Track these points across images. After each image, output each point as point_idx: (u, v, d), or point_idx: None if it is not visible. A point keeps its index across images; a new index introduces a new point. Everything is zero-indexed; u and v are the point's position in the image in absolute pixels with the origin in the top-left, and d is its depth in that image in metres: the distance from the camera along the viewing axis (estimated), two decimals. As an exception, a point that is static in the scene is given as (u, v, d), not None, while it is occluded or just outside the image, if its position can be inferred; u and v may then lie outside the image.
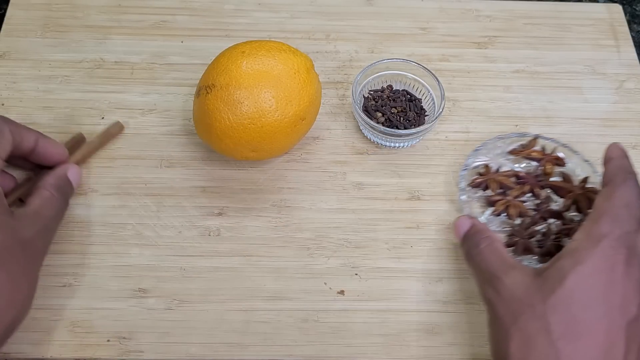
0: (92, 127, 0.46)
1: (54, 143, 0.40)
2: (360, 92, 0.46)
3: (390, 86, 0.47)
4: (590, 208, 0.40)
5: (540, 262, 0.40)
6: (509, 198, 0.42)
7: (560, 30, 0.54)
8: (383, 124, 0.45)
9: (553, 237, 0.40)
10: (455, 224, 0.39)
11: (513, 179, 0.43)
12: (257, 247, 0.41)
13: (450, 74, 0.50)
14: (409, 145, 0.46)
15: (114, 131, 0.45)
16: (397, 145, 0.46)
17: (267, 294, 0.40)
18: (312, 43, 0.51)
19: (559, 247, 0.39)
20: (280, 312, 0.39)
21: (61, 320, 0.38)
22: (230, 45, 0.42)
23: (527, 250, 0.40)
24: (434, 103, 0.46)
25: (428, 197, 0.44)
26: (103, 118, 0.46)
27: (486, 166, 0.44)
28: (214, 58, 0.41)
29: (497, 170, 0.44)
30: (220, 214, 0.43)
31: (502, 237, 0.40)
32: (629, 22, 0.55)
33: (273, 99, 0.39)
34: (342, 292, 0.40)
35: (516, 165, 0.45)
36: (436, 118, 0.44)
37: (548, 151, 0.44)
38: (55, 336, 0.37)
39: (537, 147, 0.45)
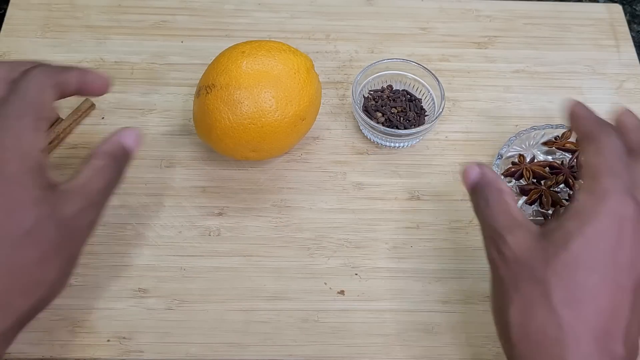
0: (92, 127, 0.46)
1: (96, 76, 0.37)
2: (360, 92, 0.46)
3: (390, 86, 0.47)
4: None
5: None
6: (542, 187, 0.43)
7: (560, 30, 0.54)
8: (383, 124, 0.45)
9: None
10: (464, 171, 0.35)
11: (547, 169, 0.44)
12: (257, 247, 0.41)
13: (450, 74, 0.50)
14: (409, 145, 0.46)
15: (84, 107, 0.46)
16: (397, 145, 0.46)
17: (267, 294, 0.40)
18: (312, 43, 0.51)
19: None
20: (280, 312, 0.39)
21: (61, 320, 0.38)
22: (231, 45, 0.42)
23: None
24: (434, 103, 0.46)
25: (428, 197, 0.44)
26: (103, 118, 0.46)
27: (521, 156, 0.44)
28: (214, 58, 0.41)
29: (532, 161, 0.45)
30: (220, 214, 0.43)
31: (513, 189, 0.39)
32: (629, 22, 0.55)
33: (273, 99, 0.39)
34: (342, 292, 0.40)
35: (549, 156, 0.45)
36: (436, 118, 0.44)
37: None
38: (55, 336, 0.37)
39: (572, 139, 0.45)
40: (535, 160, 0.45)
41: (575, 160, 0.44)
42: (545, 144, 0.45)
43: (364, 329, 0.39)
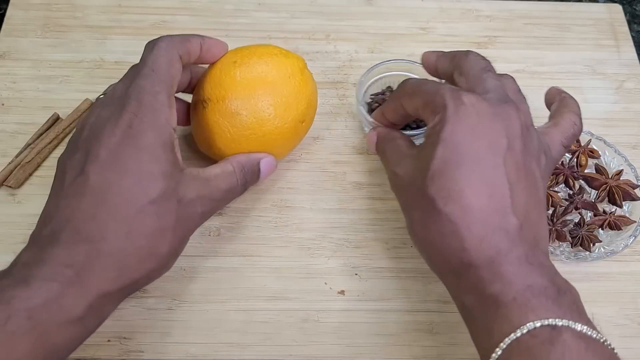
0: (92, 127, 0.46)
1: (214, 41, 0.39)
2: (365, 92, 0.46)
3: (390, 87, 0.47)
4: (625, 200, 0.42)
5: (573, 251, 0.41)
6: None
7: (560, 30, 0.54)
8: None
9: (586, 227, 0.41)
10: (367, 141, 0.41)
11: None
12: (257, 247, 0.41)
13: (450, 74, 0.50)
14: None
15: (84, 107, 0.46)
16: None
17: (267, 294, 0.40)
18: (312, 43, 0.51)
19: (591, 237, 0.41)
20: (280, 312, 0.39)
21: (61, 320, 0.38)
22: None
23: (560, 238, 0.41)
24: None
25: (428, 197, 0.44)
26: (103, 118, 0.46)
27: None
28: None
29: None
30: (220, 214, 0.43)
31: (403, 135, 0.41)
32: (629, 22, 0.55)
33: (271, 107, 0.39)
34: (342, 292, 0.40)
35: None
36: None
37: (582, 143, 0.45)
38: (55, 336, 0.37)
39: None
40: None
41: (575, 160, 0.44)
42: None
43: (364, 329, 0.39)
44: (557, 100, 0.40)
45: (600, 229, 0.42)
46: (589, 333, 0.27)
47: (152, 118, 0.33)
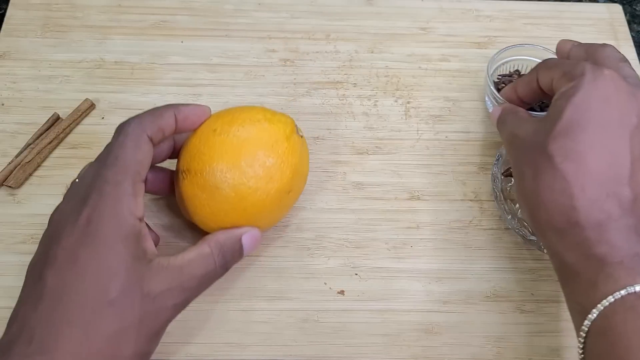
0: (92, 127, 0.46)
1: (192, 109, 0.36)
2: (493, 72, 0.47)
3: (517, 71, 0.48)
4: None
5: None
6: None
7: (560, 30, 0.53)
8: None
9: None
10: (491, 115, 0.42)
11: None
12: (257, 247, 0.42)
13: (450, 74, 0.50)
14: None
15: (84, 107, 0.46)
16: None
17: (267, 294, 0.40)
18: (312, 43, 0.51)
19: None
20: (280, 312, 0.39)
21: (61, 320, 0.38)
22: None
23: None
24: None
25: (428, 197, 0.44)
26: (103, 118, 0.46)
27: None
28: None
29: None
30: (220, 214, 0.43)
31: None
32: (629, 22, 0.55)
33: (252, 179, 0.35)
34: (342, 292, 0.40)
35: None
36: None
37: None
38: (55, 336, 0.37)
39: None
40: None
41: None
42: None
43: (364, 329, 0.39)
44: None
45: None
46: None
47: (112, 210, 0.31)
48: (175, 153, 0.38)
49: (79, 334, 0.29)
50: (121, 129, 0.34)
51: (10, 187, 0.42)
